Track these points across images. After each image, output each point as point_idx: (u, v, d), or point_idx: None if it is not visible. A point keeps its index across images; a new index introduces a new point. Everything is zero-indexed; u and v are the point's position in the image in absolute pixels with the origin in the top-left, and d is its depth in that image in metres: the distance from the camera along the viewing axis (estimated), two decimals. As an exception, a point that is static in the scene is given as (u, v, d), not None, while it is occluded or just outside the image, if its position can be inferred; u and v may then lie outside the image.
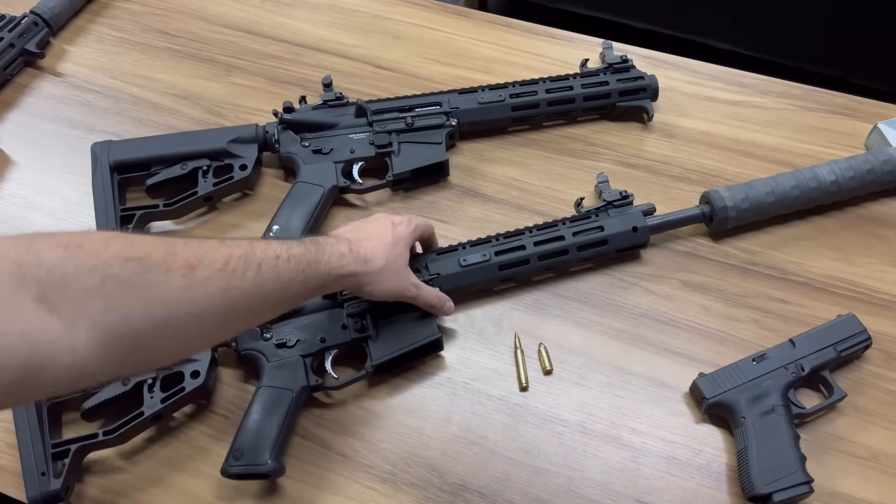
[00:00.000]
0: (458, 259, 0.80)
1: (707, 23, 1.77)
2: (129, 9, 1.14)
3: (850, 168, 0.86)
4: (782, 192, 0.85)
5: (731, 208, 0.83)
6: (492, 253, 0.80)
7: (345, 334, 0.76)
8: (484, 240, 0.82)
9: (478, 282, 0.81)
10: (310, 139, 0.91)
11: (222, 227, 0.90)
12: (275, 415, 0.71)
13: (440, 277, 0.79)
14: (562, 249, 0.81)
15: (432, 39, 1.10)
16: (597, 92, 0.96)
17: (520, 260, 0.80)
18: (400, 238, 0.74)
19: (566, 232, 0.82)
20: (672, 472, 0.73)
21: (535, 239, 0.81)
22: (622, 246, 0.83)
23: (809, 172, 0.86)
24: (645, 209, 0.84)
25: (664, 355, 0.80)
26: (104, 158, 0.88)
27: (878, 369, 0.79)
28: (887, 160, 0.87)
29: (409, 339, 0.76)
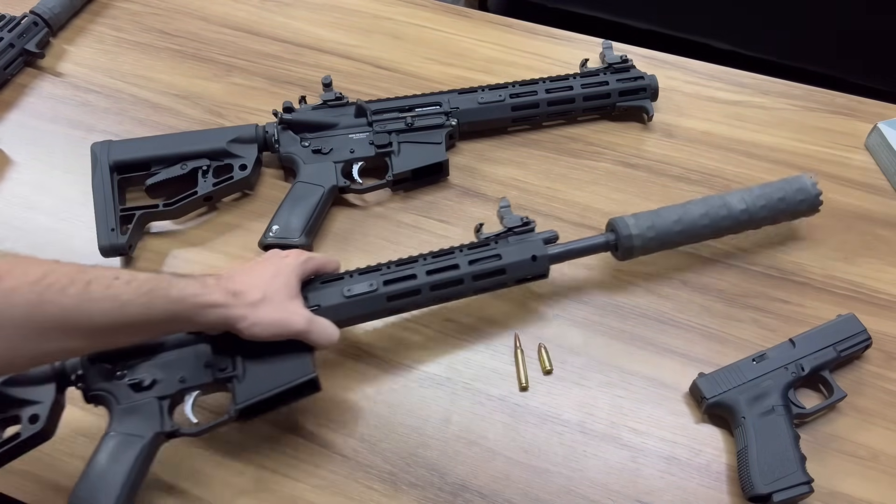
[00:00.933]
0: (342, 289, 0.73)
1: (707, 23, 1.77)
2: (129, 9, 1.14)
3: (762, 196, 0.82)
4: (691, 220, 0.80)
5: (637, 237, 0.78)
6: (380, 282, 0.74)
7: (207, 374, 0.69)
8: (374, 267, 0.76)
9: (364, 314, 0.74)
10: (310, 139, 0.91)
11: (222, 227, 0.90)
12: (121, 464, 0.64)
13: (321, 309, 0.72)
14: (456, 279, 0.75)
15: (432, 39, 1.10)
16: (597, 92, 0.96)
17: (410, 290, 0.74)
18: (283, 270, 0.69)
19: (462, 260, 0.75)
20: (672, 472, 0.73)
21: (428, 267, 0.75)
22: (521, 276, 0.78)
23: (720, 200, 0.81)
24: (546, 237, 0.78)
25: (664, 355, 0.80)
26: (104, 158, 0.88)
27: (879, 369, 0.79)
28: (800, 189, 0.83)
29: (279, 379, 0.68)
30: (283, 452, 0.74)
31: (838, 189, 0.93)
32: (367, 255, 0.86)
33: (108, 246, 0.84)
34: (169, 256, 0.88)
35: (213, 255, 0.88)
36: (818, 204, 0.84)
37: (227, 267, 0.86)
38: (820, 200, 0.84)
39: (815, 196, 0.83)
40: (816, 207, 0.84)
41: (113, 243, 0.84)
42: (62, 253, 0.86)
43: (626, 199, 0.92)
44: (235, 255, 0.88)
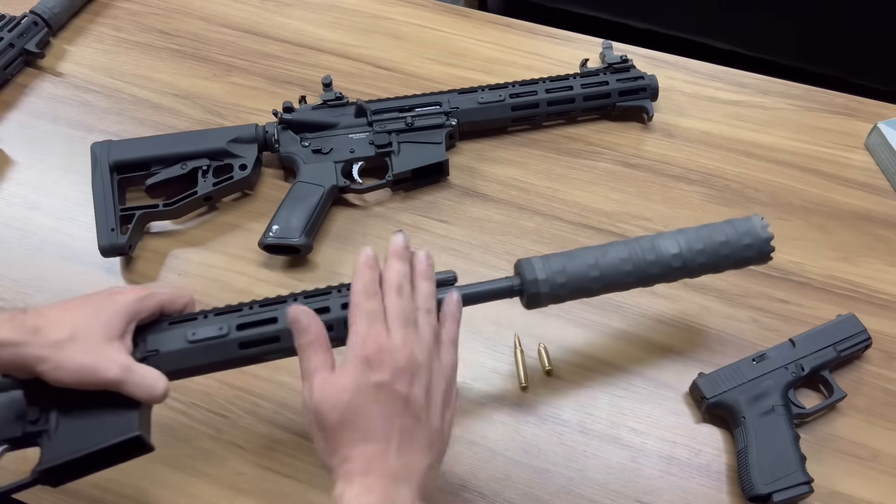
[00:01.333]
0: (187, 332, 0.62)
1: (707, 23, 1.77)
2: (129, 9, 1.14)
3: (700, 239, 0.68)
4: (610, 265, 0.67)
5: (543, 282, 0.66)
6: (232, 326, 0.62)
7: (16, 427, 0.58)
8: (234, 307, 0.65)
9: (212, 363, 0.63)
10: (309, 139, 0.91)
11: (222, 227, 0.90)
12: None
13: (159, 355, 0.61)
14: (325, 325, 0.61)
15: (432, 39, 1.10)
16: (597, 92, 0.96)
17: (268, 337, 0.63)
18: (109, 305, 0.58)
19: (335, 302, 0.63)
20: (672, 472, 0.73)
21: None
22: None
23: (648, 243, 0.68)
24: (441, 278, 0.65)
25: (664, 355, 0.80)
26: (104, 158, 0.88)
27: (879, 369, 0.79)
28: (747, 232, 0.69)
29: (94, 437, 0.57)
30: (283, 452, 0.74)
31: (838, 189, 0.93)
32: (367, 255, 0.87)
33: (108, 246, 0.84)
34: (169, 256, 0.88)
35: (213, 255, 0.88)
36: (769, 251, 0.70)
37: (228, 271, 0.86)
38: (771, 247, 0.70)
39: (764, 241, 0.69)
40: (767, 255, 0.70)
41: (113, 243, 0.84)
42: (62, 253, 0.88)
43: (625, 199, 0.92)
44: (235, 255, 0.88)
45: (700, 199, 0.92)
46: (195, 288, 0.84)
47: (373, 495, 0.49)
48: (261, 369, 0.78)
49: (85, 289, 0.85)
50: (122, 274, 0.86)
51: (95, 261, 0.85)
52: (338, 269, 0.86)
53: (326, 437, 0.54)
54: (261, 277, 0.86)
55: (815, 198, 0.92)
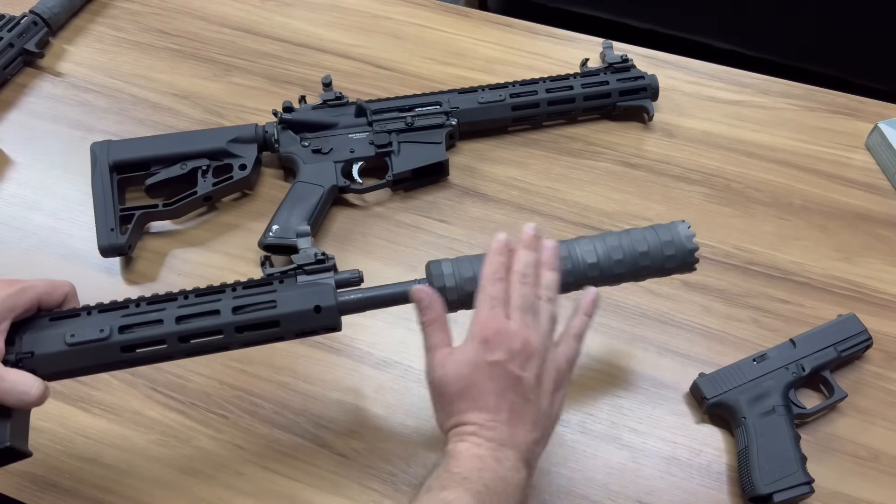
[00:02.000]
0: (66, 333, 0.58)
1: (707, 22, 1.77)
2: (129, 8, 1.14)
3: (619, 248, 0.65)
4: None
5: (452, 290, 0.63)
6: (115, 328, 0.59)
7: None
8: (119, 304, 0.61)
9: (91, 366, 0.60)
10: (309, 139, 0.91)
11: (222, 227, 0.90)
12: None
13: (35, 358, 0.58)
14: (212, 329, 0.61)
15: (432, 39, 1.10)
16: (597, 91, 0.96)
17: (151, 340, 0.60)
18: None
19: (226, 304, 0.61)
20: (672, 472, 0.73)
21: (180, 312, 0.61)
22: (302, 329, 0.63)
23: (564, 250, 0.65)
24: (344, 278, 0.64)
25: (664, 355, 0.80)
26: (103, 158, 0.88)
27: (879, 369, 0.79)
28: (670, 242, 0.66)
29: None
30: (283, 452, 0.74)
31: (839, 189, 0.93)
32: (367, 255, 0.86)
33: (108, 246, 0.84)
34: (168, 256, 0.88)
35: (213, 255, 0.88)
36: (693, 262, 0.67)
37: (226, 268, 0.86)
38: (696, 258, 0.67)
39: (688, 251, 0.67)
40: (692, 266, 0.68)
41: (112, 243, 0.84)
42: (62, 253, 0.87)
43: (626, 199, 0.92)
44: (235, 255, 0.88)
45: (700, 199, 0.92)
46: (195, 288, 0.84)
47: (481, 450, 0.54)
48: (261, 369, 0.78)
49: (85, 289, 0.85)
50: (122, 274, 0.86)
51: (95, 261, 0.85)
52: (337, 268, 0.86)
53: (443, 404, 0.58)
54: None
55: (815, 198, 0.92)
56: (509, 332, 0.57)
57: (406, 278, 0.66)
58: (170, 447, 0.74)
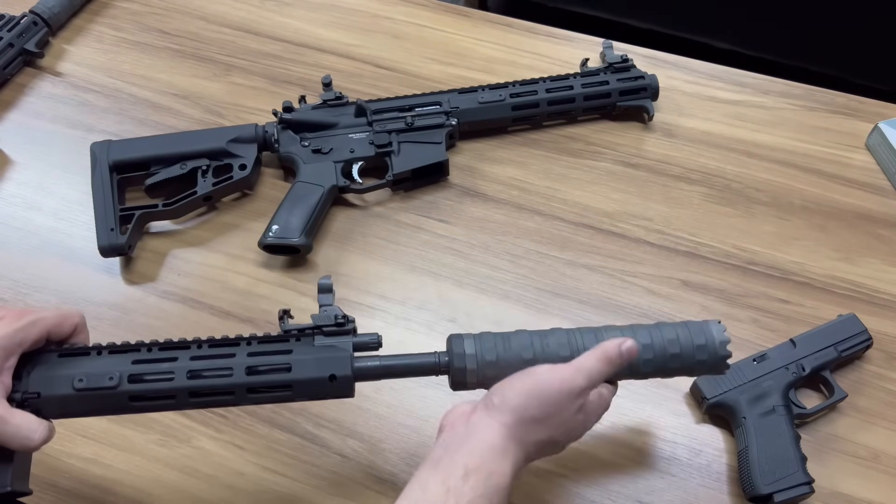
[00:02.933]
0: (75, 377, 0.57)
1: (708, 22, 1.77)
2: (129, 8, 1.14)
3: (649, 348, 0.62)
4: (548, 359, 0.61)
5: (472, 373, 0.61)
6: (125, 376, 0.58)
7: None
8: (131, 347, 0.61)
9: (98, 411, 0.60)
10: (309, 139, 0.91)
11: (222, 227, 0.90)
12: None
13: (41, 399, 0.57)
14: (224, 389, 0.59)
15: (432, 39, 1.10)
16: (597, 91, 0.96)
17: (161, 394, 0.58)
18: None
19: (240, 362, 0.59)
20: (672, 472, 0.73)
21: (192, 366, 0.59)
22: (315, 395, 0.61)
23: (592, 339, 0.62)
24: (364, 341, 0.62)
25: (664, 355, 0.79)
26: (103, 158, 0.88)
27: (879, 369, 0.78)
28: (703, 346, 0.62)
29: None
30: (283, 452, 0.74)
31: (839, 189, 0.93)
32: (367, 256, 0.86)
33: (108, 246, 0.84)
34: (168, 256, 0.88)
35: (213, 255, 0.88)
36: (724, 368, 0.64)
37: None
38: (727, 364, 0.63)
39: (721, 358, 0.62)
40: (721, 370, 0.64)
41: (112, 243, 0.84)
42: (62, 253, 0.87)
43: (626, 199, 0.92)
44: (235, 255, 0.88)
45: (700, 199, 0.92)
46: (195, 288, 0.84)
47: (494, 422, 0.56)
48: (260, 369, 0.78)
49: (85, 289, 0.85)
50: (122, 274, 0.86)
51: (95, 261, 0.85)
52: (337, 268, 0.86)
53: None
54: (260, 277, 0.85)
55: (815, 197, 0.92)
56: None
57: (404, 279, 0.66)
58: (170, 447, 0.74)
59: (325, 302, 0.63)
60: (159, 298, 0.84)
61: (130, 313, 0.83)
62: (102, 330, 0.81)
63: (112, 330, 0.81)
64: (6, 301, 0.84)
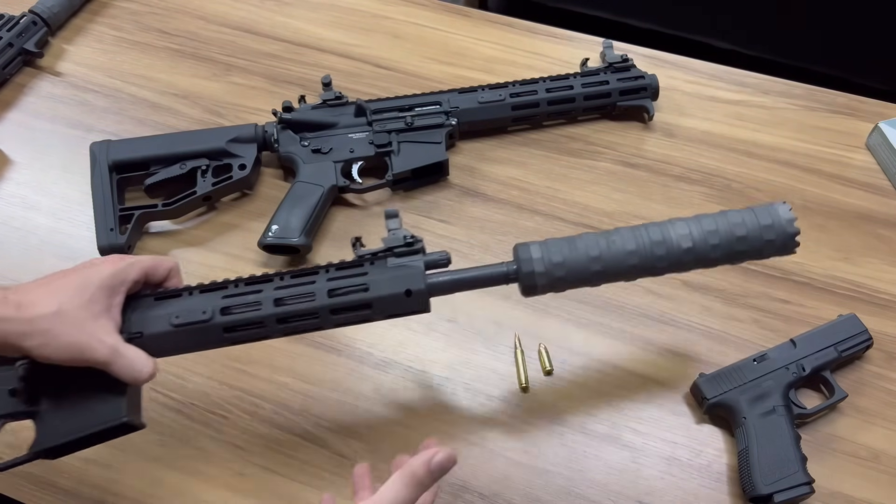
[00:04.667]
0: (172, 314, 0.61)
1: (708, 22, 1.77)
2: (129, 8, 1.14)
3: (716, 233, 0.63)
4: (614, 258, 0.63)
5: (541, 275, 0.62)
6: (217, 309, 0.61)
7: (10, 403, 0.59)
8: (219, 284, 0.64)
9: (195, 345, 0.63)
10: (309, 139, 0.91)
11: (221, 227, 0.90)
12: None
13: (143, 338, 0.61)
14: (309, 312, 0.62)
15: (432, 39, 1.10)
16: (597, 91, 0.96)
17: (251, 322, 0.62)
18: (92, 279, 0.57)
19: (321, 287, 0.62)
20: (673, 472, 0.73)
21: (277, 294, 0.62)
22: (393, 313, 0.64)
23: (658, 234, 0.63)
24: (433, 259, 0.64)
25: (664, 355, 0.79)
26: (103, 158, 0.88)
27: (880, 369, 0.78)
28: (770, 226, 0.63)
29: (85, 421, 0.59)
30: (283, 452, 0.74)
31: (839, 189, 0.93)
32: (367, 255, 0.86)
33: (108, 246, 0.84)
34: (168, 256, 0.88)
35: (213, 255, 0.88)
36: (794, 246, 0.64)
37: (223, 266, 0.85)
38: (796, 241, 0.64)
39: (789, 235, 0.63)
40: (791, 248, 0.64)
41: (112, 243, 0.84)
42: (61, 253, 0.87)
43: (626, 199, 0.92)
44: (235, 255, 0.88)
45: (701, 199, 0.92)
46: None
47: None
48: (261, 370, 0.78)
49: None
50: (122, 274, 0.86)
51: (94, 261, 0.85)
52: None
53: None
54: (260, 277, 0.86)
55: (816, 197, 0.92)
56: None
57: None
58: (170, 447, 0.74)
59: (393, 226, 0.66)
60: (159, 298, 0.84)
61: (130, 313, 0.83)
62: (102, 330, 0.81)
63: (112, 330, 0.81)
64: (6, 301, 0.84)
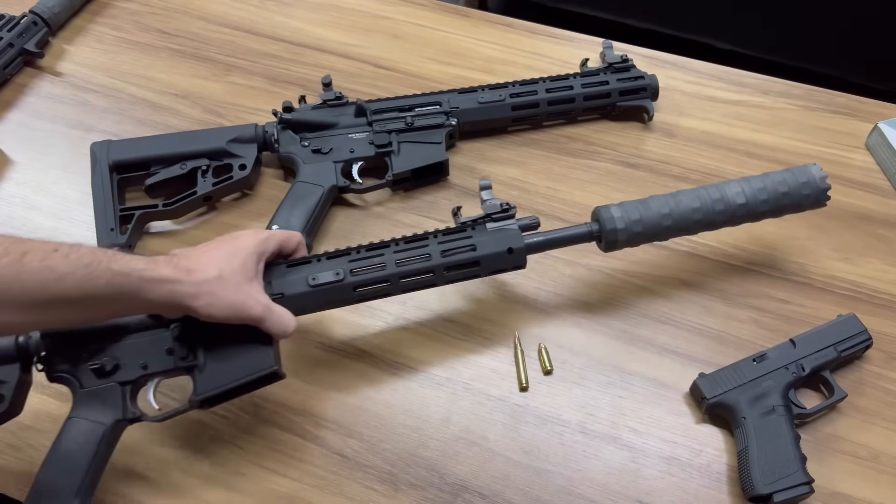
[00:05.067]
0: (308, 277, 0.70)
1: (707, 22, 1.77)
2: (129, 8, 1.14)
3: (764, 189, 0.76)
4: (682, 213, 0.75)
5: (622, 231, 0.74)
6: (347, 271, 0.71)
7: (169, 361, 0.67)
8: (342, 251, 0.73)
9: (329, 302, 0.72)
10: (309, 139, 0.91)
11: (222, 226, 0.90)
12: (83, 451, 0.64)
13: (284, 298, 0.69)
14: (425, 269, 0.72)
15: (432, 39, 1.10)
16: (597, 91, 0.96)
17: (377, 280, 0.71)
18: (241, 249, 0.66)
19: (434, 249, 0.72)
20: (672, 472, 0.73)
21: (398, 256, 0.72)
22: (496, 268, 0.74)
23: (716, 192, 0.76)
24: (526, 223, 0.75)
25: (664, 355, 0.80)
26: (103, 158, 0.88)
27: (879, 369, 0.79)
28: (806, 182, 0.77)
29: (239, 370, 0.67)
30: (283, 453, 0.74)
31: (839, 189, 0.92)
32: (367, 255, 0.87)
33: (108, 246, 0.84)
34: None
35: (213, 255, 0.88)
36: (825, 199, 0.79)
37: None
38: (827, 195, 0.78)
39: (822, 190, 0.78)
40: (823, 202, 0.79)
41: (112, 243, 0.84)
42: (61, 253, 0.87)
43: (626, 199, 0.91)
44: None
45: (700, 199, 0.92)
46: (195, 288, 0.84)
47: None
48: (260, 369, 0.78)
49: (84, 289, 0.85)
50: (122, 274, 0.86)
51: (95, 261, 0.85)
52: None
53: None
54: (260, 277, 0.86)
55: (815, 198, 0.92)
56: None
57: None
58: (170, 447, 0.74)
59: (487, 197, 0.76)
60: (159, 298, 0.84)
61: (130, 313, 0.83)
62: (102, 330, 0.81)
63: (112, 330, 0.81)
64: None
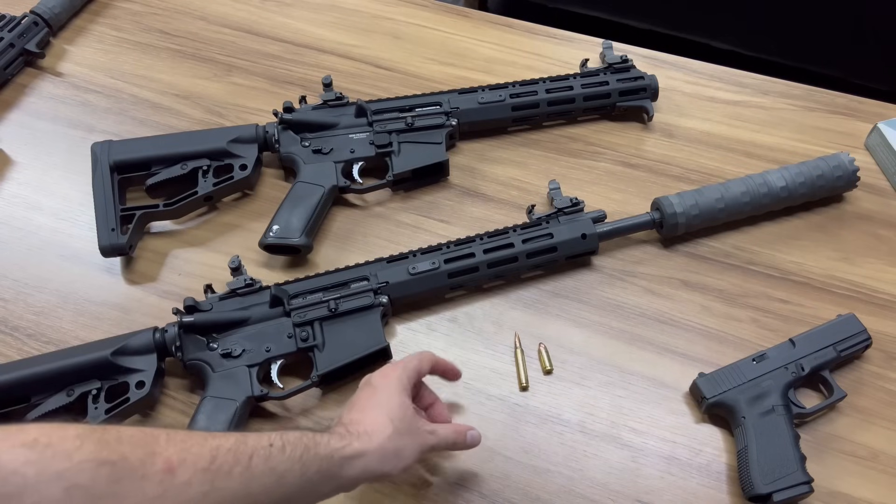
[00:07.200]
0: (408, 267, 0.80)
1: (707, 23, 1.77)
2: (130, 9, 1.14)
3: (801, 174, 0.86)
4: (732, 198, 0.85)
5: (681, 215, 0.83)
6: (441, 261, 0.80)
7: (290, 344, 0.76)
8: (434, 247, 0.82)
9: (427, 289, 0.81)
10: (310, 139, 0.91)
11: (222, 226, 0.90)
12: (217, 425, 0.71)
13: (389, 285, 0.79)
14: (511, 257, 0.81)
15: (432, 39, 1.10)
16: (597, 92, 0.96)
17: (469, 268, 0.80)
18: (390, 391, 0.65)
19: (516, 239, 0.82)
20: (672, 471, 0.73)
21: (484, 246, 0.81)
22: (572, 253, 0.83)
23: (760, 179, 0.86)
24: (595, 216, 0.84)
25: (664, 355, 0.80)
26: (104, 158, 0.88)
27: (878, 369, 0.79)
28: (837, 166, 0.87)
29: (355, 348, 0.76)
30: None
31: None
32: (367, 255, 0.86)
33: (109, 246, 0.84)
34: (169, 256, 0.88)
35: (214, 255, 0.88)
36: (855, 180, 0.88)
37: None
38: (857, 177, 0.88)
39: (852, 172, 0.87)
40: (854, 183, 0.88)
41: (113, 243, 0.84)
42: (63, 253, 0.88)
43: (626, 199, 0.92)
44: (236, 255, 0.87)
45: (700, 199, 0.92)
46: (196, 287, 0.84)
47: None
48: (261, 369, 0.78)
49: (85, 289, 0.85)
50: (123, 274, 0.86)
51: (96, 261, 0.85)
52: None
53: None
54: (261, 277, 0.85)
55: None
56: None
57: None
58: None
59: (557, 194, 0.85)
60: (160, 298, 0.84)
61: (131, 313, 0.83)
62: (103, 330, 0.81)
63: (113, 329, 0.81)
64: (7, 301, 0.84)
